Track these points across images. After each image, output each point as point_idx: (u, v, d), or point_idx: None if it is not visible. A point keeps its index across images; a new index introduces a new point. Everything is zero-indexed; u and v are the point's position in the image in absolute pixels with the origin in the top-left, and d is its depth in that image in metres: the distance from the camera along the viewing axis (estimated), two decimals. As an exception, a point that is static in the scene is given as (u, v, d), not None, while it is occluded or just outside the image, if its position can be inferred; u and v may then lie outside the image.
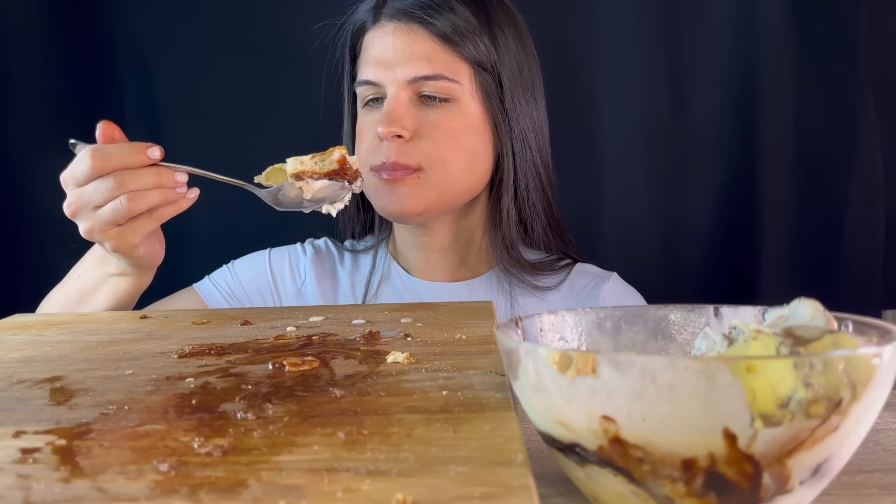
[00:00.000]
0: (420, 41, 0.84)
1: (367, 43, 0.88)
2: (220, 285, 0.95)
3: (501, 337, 0.39)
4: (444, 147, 0.84)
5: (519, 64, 0.88)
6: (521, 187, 0.89)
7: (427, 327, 0.58)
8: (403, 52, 0.84)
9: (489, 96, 0.87)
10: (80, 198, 0.67)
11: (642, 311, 0.47)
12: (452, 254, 0.94)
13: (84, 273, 0.79)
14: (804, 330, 0.39)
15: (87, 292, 0.79)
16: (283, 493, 0.29)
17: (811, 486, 0.35)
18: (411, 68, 0.84)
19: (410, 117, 0.84)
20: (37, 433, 0.36)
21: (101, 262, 0.77)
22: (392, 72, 0.84)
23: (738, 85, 1.16)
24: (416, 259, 0.95)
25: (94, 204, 0.67)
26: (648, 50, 1.17)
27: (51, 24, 1.17)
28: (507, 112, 0.87)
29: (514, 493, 0.28)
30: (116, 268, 0.75)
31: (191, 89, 1.19)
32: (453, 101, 0.85)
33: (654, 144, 1.18)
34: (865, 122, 1.15)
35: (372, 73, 0.86)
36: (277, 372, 0.46)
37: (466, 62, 0.85)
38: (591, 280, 0.94)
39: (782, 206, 1.16)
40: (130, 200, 0.66)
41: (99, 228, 0.68)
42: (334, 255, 0.99)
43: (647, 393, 0.32)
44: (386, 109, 0.84)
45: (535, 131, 0.90)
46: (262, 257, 0.98)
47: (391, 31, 0.85)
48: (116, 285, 0.77)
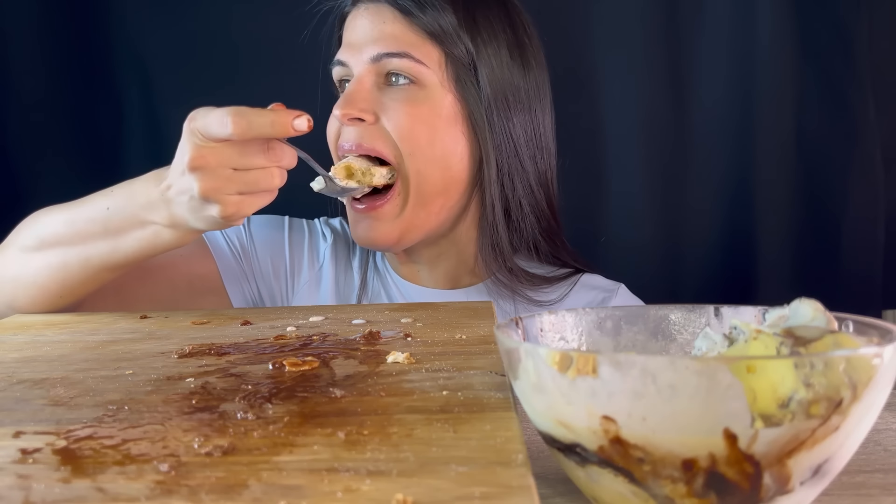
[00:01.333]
0: (389, 21, 0.81)
1: (346, 27, 0.86)
2: (231, 239, 0.90)
3: (502, 337, 0.39)
4: (409, 136, 0.80)
5: (509, 60, 0.84)
6: (506, 187, 0.84)
7: (427, 327, 0.58)
8: (371, 31, 0.82)
9: (464, 89, 0.82)
10: (214, 156, 0.63)
11: (642, 312, 0.47)
12: (444, 266, 0.90)
13: (115, 208, 0.70)
14: (805, 330, 0.39)
15: (115, 230, 0.70)
16: (283, 493, 0.29)
17: (812, 486, 0.35)
18: (377, 46, 0.81)
19: (371, 99, 0.80)
20: (37, 433, 0.36)
21: (147, 207, 0.69)
22: (359, 52, 0.82)
23: (738, 85, 1.16)
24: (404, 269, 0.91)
25: (235, 166, 0.63)
26: (648, 50, 1.17)
27: (50, 25, 1.17)
28: (486, 112, 0.82)
29: (514, 494, 0.28)
30: (168, 219, 0.68)
31: (190, 90, 1.19)
32: (419, 86, 0.81)
33: (654, 144, 1.18)
34: (865, 122, 1.15)
35: (343, 53, 0.84)
36: (277, 372, 0.46)
37: (437, 47, 0.81)
38: (598, 294, 0.90)
39: (782, 207, 1.16)
40: (276, 177, 0.65)
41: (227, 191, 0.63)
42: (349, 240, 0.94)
43: (647, 393, 0.32)
44: (345, 91, 0.82)
45: (528, 140, 0.85)
46: (281, 226, 0.93)
47: (363, 11, 0.83)
48: (157, 235, 0.70)
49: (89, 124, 1.19)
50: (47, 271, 0.74)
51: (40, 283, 0.74)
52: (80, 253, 0.72)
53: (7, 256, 0.77)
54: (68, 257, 0.73)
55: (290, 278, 0.91)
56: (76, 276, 0.74)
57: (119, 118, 1.19)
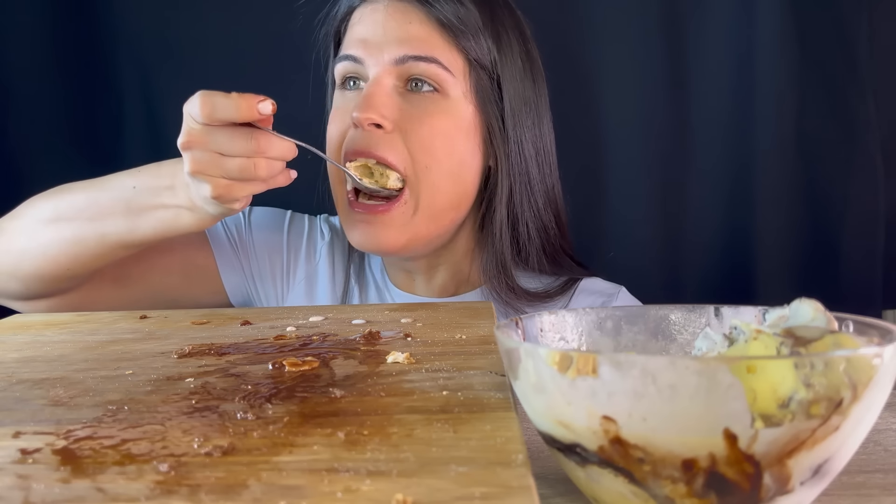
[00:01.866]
0: (416, 22, 0.76)
1: (355, 20, 0.80)
2: (230, 228, 0.89)
3: (502, 337, 0.39)
4: (429, 148, 0.77)
5: (522, 73, 0.81)
6: (515, 205, 0.82)
7: (427, 327, 0.58)
8: (396, 31, 0.76)
9: (485, 100, 0.79)
10: (203, 137, 0.64)
11: (643, 312, 0.47)
12: (440, 277, 0.88)
13: (141, 187, 0.71)
14: (805, 330, 0.39)
15: (137, 209, 0.71)
16: (283, 493, 0.29)
17: (812, 486, 0.35)
18: (402, 47, 0.76)
19: (392, 105, 0.76)
20: (37, 433, 0.36)
21: (171, 188, 0.70)
22: (378, 51, 0.77)
23: (738, 85, 1.16)
24: (399, 278, 0.90)
25: (220, 151, 0.64)
26: (648, 50, 1.17)
27: (50, 24, 1.17)
28: (505, 121, 0.80)
29: (514, 494, 0.28)
30: (188, 201, 0.69)
31: (190, 89, 1.19)
32: (442, 95, 0.77)
33: (654, 144, 1.18)
34: (865, 122, 1.15)
35: (355, 48, 0.78)
36: (277, 372, 0.46)
37: (462, 56, 0.77)
38: (598, 298, 0.88)
39: (782, 206, 1.16)
40: (261, 168, 0.64)
41: (212, 172, 0.65)
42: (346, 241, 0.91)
43: (647, 393, 0.32)
44: (365, 93, 0.76)
45: (537, 148, 0.83)
46: (281, 219, 0.92)
47: (383, 7, 0.78)
48: (177, 217, 0.70)
49: (89, 123, 1.19)
50: (60, 244, 0.74)
51: (51, 255, 0.74)
52: (97, 228, 0.73)
53: (17, 225, 0.77)
54: (85, 232, 0.73)
55: (285, 273, 0.91)
56: (90, 251, 0.74)
57: (119, 117, 1.19)
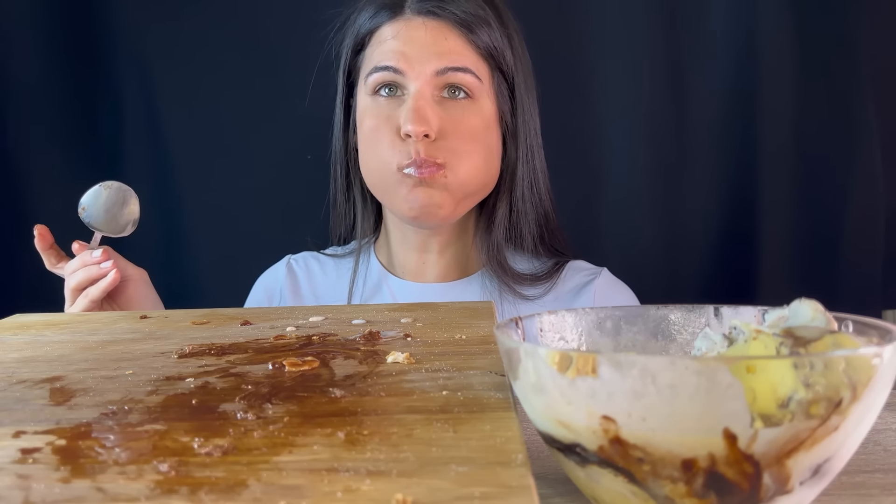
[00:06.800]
0: (452, 38, 0.86)
1: (387, 34, 0.88)
2: None
3: (501, 337, 0.39)
4: (466, 146, 0.86)
5: (524, 68, 0.91)
6: (516, 190, 0.91)
7: (427, 327, 0.58)
8: (435, 46, 0.85)
9: (502, 97, 0.89)
10: None
11: (642, 312, 0.47)
12: (449, 254, 0.95)
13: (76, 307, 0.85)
14: (804, 330, 0.39)
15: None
16: (283, 493, 0.29)
17: (811, 486, 0.35)
18: (442, 60, 0.85)
19: (435, 116, 0.85)
20: (37, 433, 0.36)
21: None
22: (420, 65, 0.85)
23: (738, 85, 1.16)
24: (410, 261, 0.95)
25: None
26: (647, 49, 1.17)
27: (50, 24, 1.17)
28: (516, 115, 0.90)
29: (514, 494, 0.28)
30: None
31: (190, 89, 1.19)
32: (474, 99, 0.87)
33: (654, 144, 1.18)
34: (865, 122, 1.15)
35: (395, 60, 0.86)
36: (277, 372, 0.46)
37: (488, 64, 0.88)
38: (582, 278, 0.95)
39: (782, 206, 1.16)
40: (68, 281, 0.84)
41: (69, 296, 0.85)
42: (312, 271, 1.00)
43: (647, 393, 0.32)
44: (413, 106, 0.84)
45: (536, 136, 0.93)
46: (258, 285, 1.03)
47: (421, 24, 0.86)
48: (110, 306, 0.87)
49: (89, 123, 1.19)
50: None
51: None
52: None
53: None
54: None
55: None
56: None
57: (119, 117, 1.19)
